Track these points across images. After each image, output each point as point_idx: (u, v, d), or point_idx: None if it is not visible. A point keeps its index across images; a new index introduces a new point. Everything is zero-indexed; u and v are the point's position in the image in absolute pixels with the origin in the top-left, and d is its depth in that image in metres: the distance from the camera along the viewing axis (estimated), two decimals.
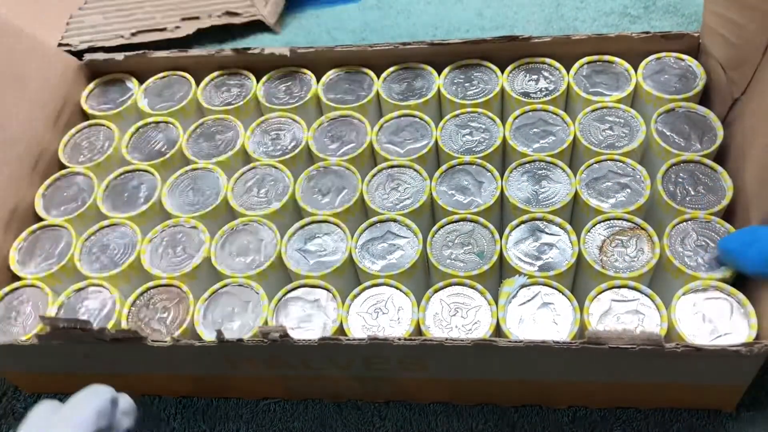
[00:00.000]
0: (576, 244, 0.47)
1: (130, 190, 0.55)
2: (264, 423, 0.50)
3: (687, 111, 0.53)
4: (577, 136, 0.53)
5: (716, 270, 0.45)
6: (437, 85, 0.57)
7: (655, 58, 0.56)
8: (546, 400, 0.49)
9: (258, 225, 0.51)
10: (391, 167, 0.53)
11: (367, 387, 0.49)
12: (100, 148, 0.58)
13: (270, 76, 0.61)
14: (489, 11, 0.76)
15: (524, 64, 0.58)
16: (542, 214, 0.49)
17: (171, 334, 0.47)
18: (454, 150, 0.54)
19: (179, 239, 0.51)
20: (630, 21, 0.73)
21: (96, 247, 0.52)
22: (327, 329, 0.46)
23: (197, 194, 0.54)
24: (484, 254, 0.48)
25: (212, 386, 0.51)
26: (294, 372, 0.47)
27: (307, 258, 0.50)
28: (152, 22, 0.75)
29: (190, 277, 0.49)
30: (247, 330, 0.47)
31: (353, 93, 0.59)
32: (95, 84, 0.63)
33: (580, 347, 0.40)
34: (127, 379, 0.50)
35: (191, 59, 0.61)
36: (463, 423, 0.49)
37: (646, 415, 0.48)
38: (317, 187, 0.53)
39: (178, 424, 0.51)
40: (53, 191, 0.56)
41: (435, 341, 0.42)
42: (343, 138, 0.56)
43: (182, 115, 0.59)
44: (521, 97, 0.55)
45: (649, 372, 0.43)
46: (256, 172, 0.55)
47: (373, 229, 0.50)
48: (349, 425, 0.50)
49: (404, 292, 0.47)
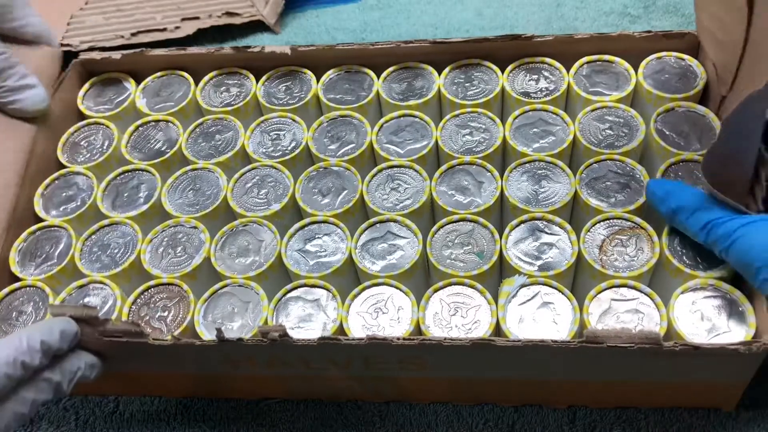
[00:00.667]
0: (576, 244, 0.47)
1: (130, 190, 0.55)
2: (264, 423, 0.50)
3: (687, 111, 0.53)
4: (577, 135, 0.53)
5: (715, 269, 0.45)
6: (437, 85, 0.57)
7: (656, 58, 0.56)
8: (546, 399, 0.49)
9: (258, 226, 0.51)
10: (391, 167, 0.53)
11: (367, 387, 0.49)
12: (100, 148, 0.58)
13: (269, 76, 0.61)
14: (489, 11, 0.76)
15: (524, 63, 0.58)
16: (542, 213, 0.49)
17: (171, 332, 0.47)
18: (454, 150, 0.54)
19: (179, 239, 0.51)
20: (630, 21, 0.73)
21: (96, 246, 0.52)
22: (327, 329, 0.46)
23: (197, 195, 0.54)
24: (484, 254, 0.48)
25: (212, 386, 0.51)
26: (294, 372, 0.47)
27: (307, 258, 0.50)
28: (152, 22, 0.75)
29: (191, 278, 0.50)
30: (247, 330, 0.47)
31: (353, 93, 0.59)
32: (91, 83, 0.63)
33: (579, 346, 0.40)
34: (128, 379, 0.51)
35: (190, 57, 0.61)
36: (463, 423, 0.49)
37: (646, 415, 0.48)
38: (317, 188, 0.53)
39: (179, 424, 0.51)
40: (52, 191, 0.56)
41: (434, 341, 0.42)
42: (343, 138, 0.56)
43: (181, 115, 0.59)
44: (521, 97, 0.55)
45: (648, 371, 0.43)
46: (256, 172, 0.55)
47: (373, 230, 0.50)
48: (349, 425, 0.50)
49: (404, 292, 0.47)
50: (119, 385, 0.52)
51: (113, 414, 0.52)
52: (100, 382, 0.51)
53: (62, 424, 0.52)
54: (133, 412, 0.52)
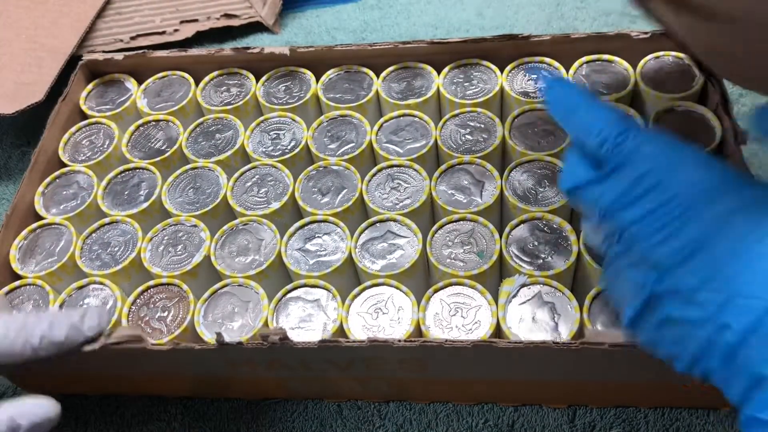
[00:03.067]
0: (576, 244, 0.47)
1: (131, 189, 0.55)
2: (264, 423, 0.50)
3: (686, 110, 0.53)
4: None
5: None
6: (437, 85, 0.57)
7: (654, 57, 0.56)
8: (546, 399, 0.49)
9: (258, 225, 0.51)
10: (391, 167, 0.53)
11: (367, 387, 0.49)
12: (101, 147, 0.58)
13: (269, 76, 0.61)
14: (489, 11, 0.76)
15: (524, 63, 0.58)
16: (542, 213, 0.49)
17: (171, 333, 0.47)
18: (454, 149, 0.54)
19: (180, 238, 0.51)
20: (630, 21, 0.73)
21: (97, 244, 0.52)
22: (327, 329, 0.46)
23: (198, 193, 0.54)
24: (484, 254, 0.48)
25: (212, 387, 0.51)
26: (294, 373, 0.47)
27: (307, 258, 0.50)
28: (151, 25, 0.75)
29: (191, 276, 0.50)
30: (247, 330, 0.47)
31: (353, 92, 0.59)
32: (94, 85, 0.63)
33: (580, 347, 0.40)
34: (128, 380, 0.50)
35: (191, 59, 0.61)
36: (463, 423, 0.49)
37: (646, 415, 0.48)
38: (317, 187, 0.53)
39: (179, 424, 0.51)
40: (53, 189, 0.56)
41: (434, 342, 0.42)
42: (343, 138, 0.56)
43: (182, 115, 0.59)
44: (521, 97, 0.55)
45: (648, 371, 0.43)
46: (256, 171, 0.55)
47: (373, 229, 0.50)
48: (349, 425, 0.50)
49: (404, 292, 0.47)
50: (119, 385, 0.52)
51: (113, 414, 0.52)
52: (100, 382, 0.51)
53: (62, 424, 0.51)
54: (134, 412, 0.52)
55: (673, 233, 0.30)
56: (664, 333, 0.31)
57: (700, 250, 0.29)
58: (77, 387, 0.52)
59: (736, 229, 0.29)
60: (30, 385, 0.53)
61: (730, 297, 0.28)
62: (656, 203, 0.30)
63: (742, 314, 0.27)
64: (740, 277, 0.28)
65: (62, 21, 0.72)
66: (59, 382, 0.51)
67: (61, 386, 0.52)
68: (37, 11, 0.72)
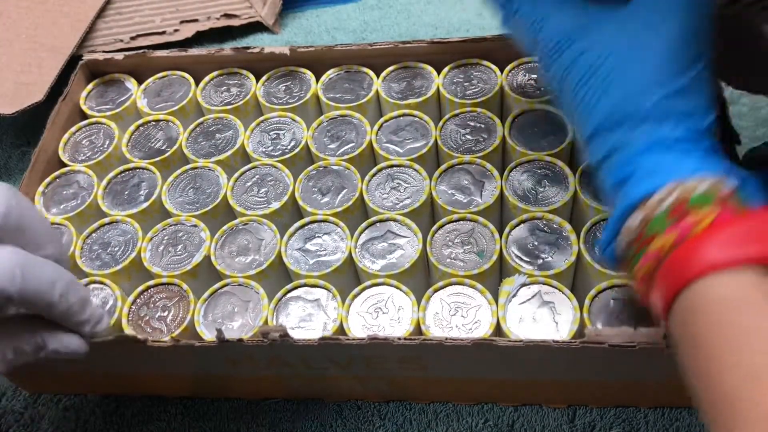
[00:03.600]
0: (576, 243, 0.47)
1: (131, 188, 0.55)
2: (264, 423, 0.50)
3: None
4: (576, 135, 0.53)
5: None
6: (437, 84, 0.57)
7: None
8: (546, 399, 0.49)
9: (258, 224, 0.51)
10: (391, 167, 0.53)
11: (367, 386, 0.49)
12: (101, 147, 0.58)
13: (269, 76, 0.61)
14: (489, 11, 0.76)
15: (524, 63, 0.58)
16: (542, 213, 0.49)
17: (171, 332, 0.47)
18: (454, 149, 0.54)
19: (180, 238, 0.51)
20: None
21: (97, 244, 0.52)
22: (327, 329, 0.46)
23: (198, 193, 0.54)
24: (484, 253, 0.48)
25: (212, 387, 0.51)
26: (294, 372, 0.47)
27: (307, 257, 0.50)
28: (151, 25, 0.75)
29: (191, 275, 0.50)
30: (247, 329, 0.47)
31: (353, 92, 0.59)
32: (94, 84, 0.63)
33: (580, 346, 0.40)
34: (128, 379, 0.50)
35: (191, 58, 0.61)
36: (463, 423, 0.49)
37: (646, 415, 0.48)
38: (317, 187, 0.53)
39: (179, 424, 0.51)
40: (53, 189, 0.56)
41: (434, 341, 0.42)
42: (343, 137, 0.56)
43: (182, 115, 0.59)
44: (521, 97, 0.56)
45: (648, 370, 0.43)
46: (256, 171, 0.55)
47: (373, 229, 0.50)
48: (349, 425, 0.50)
49: (404, 292, 0.47)
50: (119, 385, 0.52)
51: (113, 414, 0.52)
52: (100, 383, 0.51)
53: (62, 424, 0.52)
54: (134, 412, 0.52)
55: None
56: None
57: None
58: (77, 387, 0.52)
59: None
60: (30, 385, 0.53)
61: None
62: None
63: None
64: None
65: (62, 21, 0.72)
66: (59, 382, 0.51)
67: (61, 386, 0.52)
68: (37, 11, 0.73)
